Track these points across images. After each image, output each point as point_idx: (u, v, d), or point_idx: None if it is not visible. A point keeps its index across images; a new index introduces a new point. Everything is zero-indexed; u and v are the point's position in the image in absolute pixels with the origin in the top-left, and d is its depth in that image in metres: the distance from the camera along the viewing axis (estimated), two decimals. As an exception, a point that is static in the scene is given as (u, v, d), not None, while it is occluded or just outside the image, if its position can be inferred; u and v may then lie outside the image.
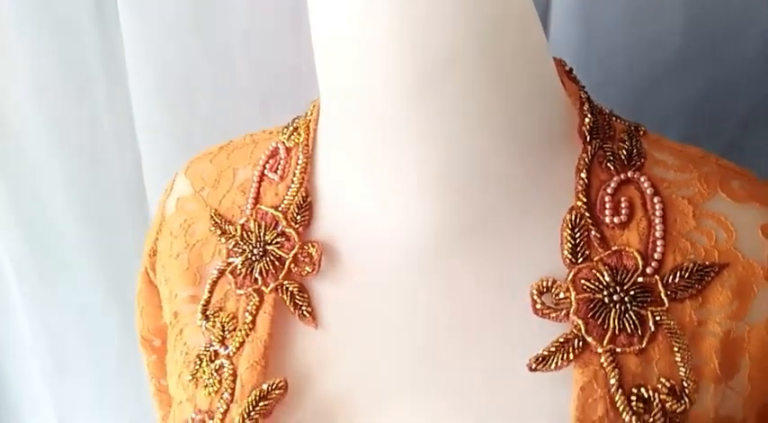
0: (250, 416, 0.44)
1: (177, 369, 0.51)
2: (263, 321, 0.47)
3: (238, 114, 0.80)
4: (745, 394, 0.42)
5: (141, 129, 0.86)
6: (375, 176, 0.46)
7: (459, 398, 0.43)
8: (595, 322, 0.41)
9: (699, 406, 0.40)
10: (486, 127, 0.42)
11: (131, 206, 0.91)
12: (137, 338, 0.61)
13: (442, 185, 0.44)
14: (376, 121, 0.44)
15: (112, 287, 0.95)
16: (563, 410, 0.40)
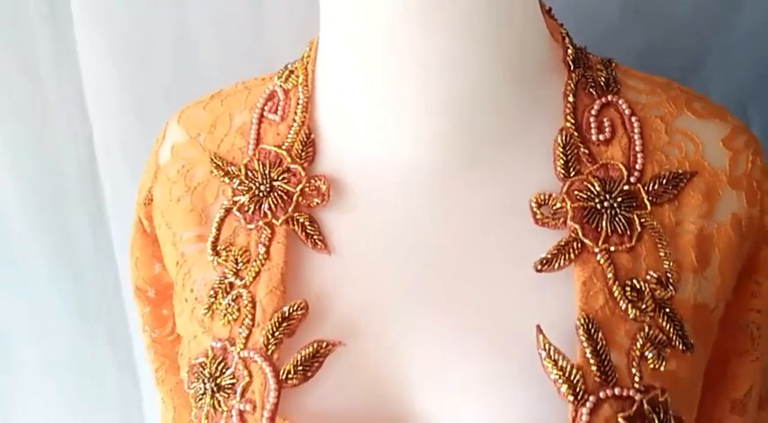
0: (275, 336, 0.47)
1: (189, 306, 0.53)
2: (277, 251, 0.49)
3: (198, 86, 0.81)
4: (717, 284, 0.48)
5: (93, 101, 0.85)
6: (377, 106, 0.49)
7: (469, 306, 0.47)
8: (590, 226, 0.46)
9: (681, 293, 0.47)
10: (487, 56, 0.47)
11: (83, 183, 0.89)
12: (131, 290, 0.62)
13: (445, 112, 0.48)
14: (378, 48, 0.47)
15: (65, 272, 0.93)
16: (567, 305, 0.45)
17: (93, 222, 0.90)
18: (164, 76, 0.82)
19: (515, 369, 0.45)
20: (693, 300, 0.47)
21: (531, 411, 0.44)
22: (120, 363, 0.96)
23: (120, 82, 0.83)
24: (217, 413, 0.48)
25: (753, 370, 0.55)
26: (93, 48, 0.81)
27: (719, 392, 0.55)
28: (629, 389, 0.43)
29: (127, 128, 0.84)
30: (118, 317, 0.94)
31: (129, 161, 0.85)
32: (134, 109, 0.84)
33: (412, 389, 0.46)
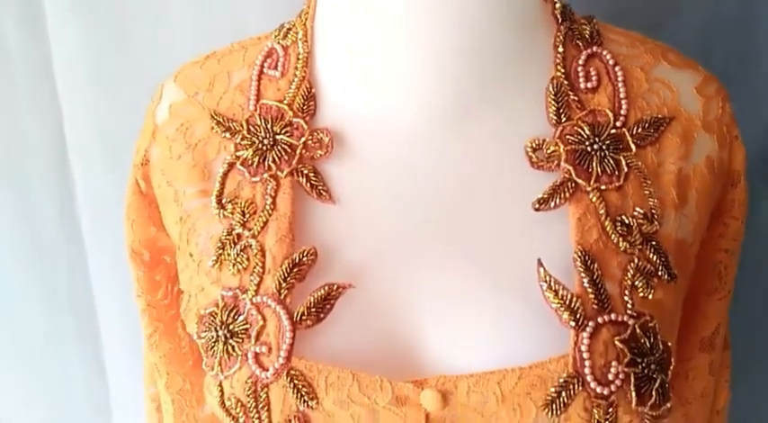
0: (286, 281, 0.48)
1: (194, 260, 0.54)
2: (283, 201, 0.51)
3: (174, 54, 0.80)
4: (694, 221, 0.52)
5: (63, 81, 0.84)
6: (376, 59, 0.51)
7: (472, 247, 0.50)
8: (582, 168, 0.50)
9: (665, 228, 0.50)
10: (481, 9, 0.49)
11: (53, 162, 0.88)
12: (126, 253, 0.62)
13: (439, 63, 0.50)
14: (375, 2, 0.49)
15: (32, 261, 0.91)
16: (563, 240, 0.49)
17: (63, 211, 0.89)
18: (136, 55, 0.82)
19: (518, 302, 0.48)
20: (675, 235, 0.51)
21: (534, 341, 0.47)
22: (86, 354, 0.95)
23: (92, 61, 0.82)
24: (231, 358, 0.49)
25: (720, 308, 0.60)
26: (63, 26, 0.80)
27: (689, 331, 0.59)
28: (623, 315, 0.47)
29: (99, 110, 0.83)
30: (86, 306, 0.93)
31: (102, 145, 0.85)
32: (106, 90, 0.83)
33: (421, 327, 0.48)
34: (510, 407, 0.46)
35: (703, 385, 0.61)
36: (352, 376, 0.47)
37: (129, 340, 0.89)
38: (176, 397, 0.65)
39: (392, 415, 0.47)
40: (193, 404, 0.66)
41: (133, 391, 0.87)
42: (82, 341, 0.95)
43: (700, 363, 0.60)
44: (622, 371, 0.45)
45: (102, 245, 0.89)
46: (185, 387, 0.66)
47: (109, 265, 0.89)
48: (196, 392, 0.66)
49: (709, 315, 0.59)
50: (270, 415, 0.48)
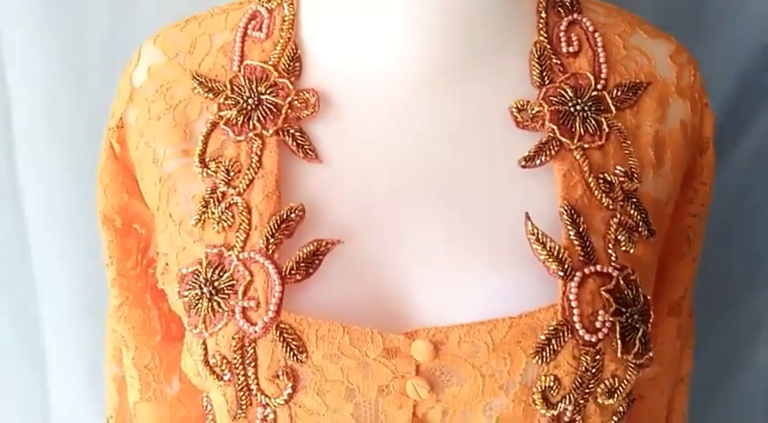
0: (274, 236, 0.48)
1: (174, 220, 0.52)
2: (269, 160, 0.50)
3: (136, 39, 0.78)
4: (669, 182, 0.54)
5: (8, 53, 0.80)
6: (362, 19, 0.51)
7: (459, 203, 0.50)
8: (566, 127, 0.51)
9: (643, 187, 0.52)
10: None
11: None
12: (97, 220, 0.60)
13: (429, 23, 0.51)
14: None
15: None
16: (549, 197, 0.50)
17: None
18: (95, 28, 0.80)
19: (506, 255, 0.48)
20: (653, 194, 0.53)
21: (523, 292, 0.47)
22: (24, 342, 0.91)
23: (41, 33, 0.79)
24: (216, 315, 0.48)
25: (687, 273, 0.62)
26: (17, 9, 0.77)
27: (658, 296, 0.61)
28: (608, 266, 0.48)
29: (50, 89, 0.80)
30: (22, 293, 0.89)
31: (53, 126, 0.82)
32: (60, 67, 0.80)
33: (410, 281, 0.48)
34: (501, 356, 0.46)
35: (671, 350, 0.63)
36: (342, 329, 0.46)
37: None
38: (144, 371, 0.63)
39: (382, 367, 0.46)
40: (161, 379, 0.64)
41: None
42: (16, 329, 0.90)
43: (668, 327, 0.62)
44: (608, 319, 0.46)
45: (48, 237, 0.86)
46: (153, 361, 0.63)
47: (57, 253, 0.86)
48: (164, 368, 0.64)
49: (678, 279, 0.61)
50: (257, 371, 0.47)
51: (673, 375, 0.65)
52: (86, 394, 0.88)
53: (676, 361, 0.64)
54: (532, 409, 0.47)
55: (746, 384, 0.87)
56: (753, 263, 0.85)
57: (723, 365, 0.85)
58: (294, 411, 0.47)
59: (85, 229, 0.78)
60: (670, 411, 0.68)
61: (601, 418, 0.48)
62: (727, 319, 0.85)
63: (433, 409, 0.47)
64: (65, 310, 0.87)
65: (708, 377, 0.81)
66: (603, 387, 0.47)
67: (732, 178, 0.80)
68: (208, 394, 0.52)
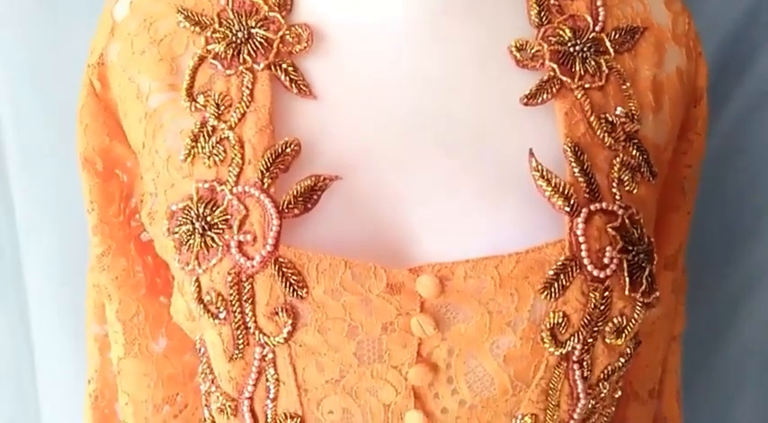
0: (269, 170, 0.46)
1: (161, 157, 0.50)
2: (261, 93, 0.49)
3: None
4: (668, 128, 0.54)
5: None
6: None
7: (458, 141, 0.49)
8: (566, 67, 0.50)
9: (644, 130, 0.51)
10: None
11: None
12: (78, 163, 0.57)
13: None
14: None
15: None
16: (551, 135, 0.49)
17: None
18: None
19: (509, 192, 0.47)
20: (653, 137, 0.52)
21: (528, 229, 0.46)
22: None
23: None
24: (210, 250, 0.46)
25: (682, 226, 0.61)
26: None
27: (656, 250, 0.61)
28: (613, 205, 0.47)
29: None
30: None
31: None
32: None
33: (413, 218, 0.47)
34: (507, 292, 0.45)
35: (666, 304, 0.62)
36: (344, 264, 0.45)
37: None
38: (128, 325, 0.60)
39: (386, 304, 0.45)
40: (146, 334, 0.61)
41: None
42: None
43: (663, 280, 0.61)
44: (616, 256, 0.46)
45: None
46: (138, 315, 0.61)
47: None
48: (150, 322, 0.61)
49: (673, 232, 0.60)
50: (254, 308, 0.45)
51: (667, 332, 0.65)
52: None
53: (671, 317, 0.64)
54: (540, 348, 0.46)
55: (737, 349, 0.87)
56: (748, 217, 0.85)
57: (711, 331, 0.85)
58: (294, 350, 0.46)
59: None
60: (663, 371, 0.67)
61: (608, 359, 0.48)
62: (721, 277, 0.85)
63: (438, 347, 0.46)
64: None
65: (700, 338, 0.81)
66: (611, 326, 0.46)
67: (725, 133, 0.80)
68: (201, 337, 0.50)
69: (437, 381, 0.47)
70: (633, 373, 0.63)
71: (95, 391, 0.67)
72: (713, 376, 0.87)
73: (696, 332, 0.72)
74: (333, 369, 0.46)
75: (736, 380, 0.88)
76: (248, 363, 0.47)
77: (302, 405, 0.47)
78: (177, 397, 0.64)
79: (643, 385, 0.65)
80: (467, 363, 0.46)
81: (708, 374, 0.86)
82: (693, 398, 0.79)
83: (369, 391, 0.47)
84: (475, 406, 0.47)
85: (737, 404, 0.89)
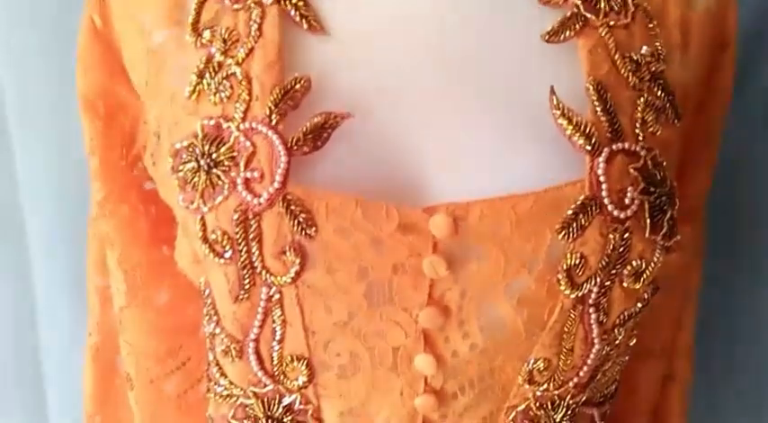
0: (278, 106, 0.44)
1: (165, 95, 0.49)
2: (270, 28, 0.46)
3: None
4: (694, 70, 0.51)
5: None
6: None
7: (477, 79, 0.47)
8: (590, 4, 0.48)
9: (670, 70, 0.49)
10: None
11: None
12: (78, 106, 0.55)
13: None
14: None
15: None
16: (574, 73, 0.46)
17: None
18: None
19: (529, 131, 0.45)
20: (679, 78, 0.50)
21: (547, 168, 0.44)
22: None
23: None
24: (216, 188, 0.44)
25: (705, 177, 0.59)
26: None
27: None
28: (635, 145, 0.45)
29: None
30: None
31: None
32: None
33: (427, 156, 0.45)
34: (524, 232, 0.43)
35: (684, 258, 0.61)
36: (355, 202, 0.43)
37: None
38: (130, 273, 0.59)
39: (397, 244, 0.43)
40: (149, 284, 0.60)
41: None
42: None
43: (681, 233, 0.59)
44: (637, 197, 0.44)
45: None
46: (140, 264, 0.60)
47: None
48: (152, 273, 0.60)
49: (693, 183, 0.58)
50: (261, 247, 0.43)
51: (683, 287, 0.63)
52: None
53: (689, 270, 0.62)
54: (556, 290, 0.44)
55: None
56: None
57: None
58: (302, 291, 0.44)
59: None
60: (677, 328, 0.66)
61: (625, 304, 0.46)
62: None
63: (450, 290, 0.44)
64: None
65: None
66: (630, 269, 0.45)
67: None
68: (206, 279, 0.48)
69: (448, 324, 0.45)
70: (646, 328, 0.61)
71: (96, 344, 0.66)
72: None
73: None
74: (341, 311, 0.45)
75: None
76: (254, 304, 0.45)
77: (309, 347, 0.46)
78: (180, 349, 0.63)
79: (656, 340, 0.64)
80: (479, 306, 0.45)
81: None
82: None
83: (377, 334, 0.45)
84: (486, 350, 0.46)
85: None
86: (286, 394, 0.48)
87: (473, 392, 0.47)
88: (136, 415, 0.64)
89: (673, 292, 0.62)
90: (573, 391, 0.48)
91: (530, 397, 0.48)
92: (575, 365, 0.47)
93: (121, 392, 0.66)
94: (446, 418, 0.48)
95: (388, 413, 0.48)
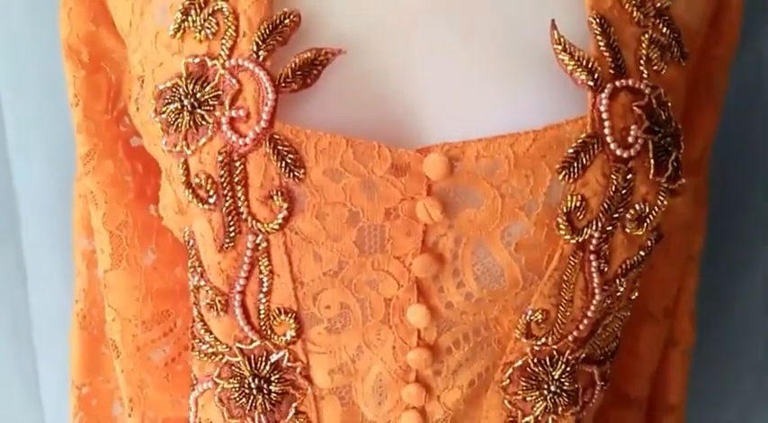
0: (266, 42, 0.42)
1: (149, 34, 0.46)
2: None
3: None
4: (700, 8, 0.49)
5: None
6: None
7: (475, 15, 0.45)
8: None
9: (675, 6, 0.47)
10: None
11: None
12: (61, 52, 0.53)
13: None
14: None
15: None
16: (576, 8, 0.44)
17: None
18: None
19: (529, 67, 0.43)
20: (685, 15, 0.48)
21: (547, 105, 0.42)
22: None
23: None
24: (200, 129, 0.42)
25: (709, 125, 0.57)
26: None
27: None
28: (640, 82, 0.43)
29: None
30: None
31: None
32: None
33: (423, 94, 0.43)
34: (523, 172, 0.41)
35: (686, 213, 0.58)
36: (345, 142, 0.41)
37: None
38: (115, 233, 0.57)
39: (389, 186, 0.41)
40: (135, 244, 0.58)
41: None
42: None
43: (685, 185, 0.57)
44: (641, 136, 0.42)
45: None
46: (126, 223, 0.57)
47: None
48: (138, 232, 0.58)
49: (698, 132, 0.56)
50: (247, 191, 0.41)
51: (685, 246, 0.61)
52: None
53: (690, 229, 0.60)
54: (555, 235, 0.42)
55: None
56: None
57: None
58: (290, 239, 0.42)
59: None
60: (679, 290, 0.64)
61: (627, 252, 0.44)
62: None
63: (444, 236, 0.42)
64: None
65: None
66: (633, 212, 0.43)
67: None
68: (190, 229, 0.46)
69: (442, 273, 0.43)
70: (648, 289, 0.60)
71: (82, 311, 0.64)
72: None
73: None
74: (331, 259, 0.43)
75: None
76: (240, 253, 0.43)
77: (297, 300, 0.44)
78: (167, 315, 0.61)
79: (658, 303, 0.62)
80: (475, 252, 0.43)
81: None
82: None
83: (369, 285, 0.43)
84: (482, 300, 0.44)
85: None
86: (273, 351, 0.46)
87: (468, 346, 0.45)
88: (122, 385, 0.62)
89: (674, 250, 0.60)
90: (572, 346, 0.46)
91: (527, 352, 0.46)
92: (574, 318, 0.45)
93: (110, 362, 0.64)
94: (440, 374, 0.46)
95: (379, 369, 0.46)
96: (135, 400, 0.62)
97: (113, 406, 0.68)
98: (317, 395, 0.47)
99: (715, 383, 0.86)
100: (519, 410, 0.48)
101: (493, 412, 0.48)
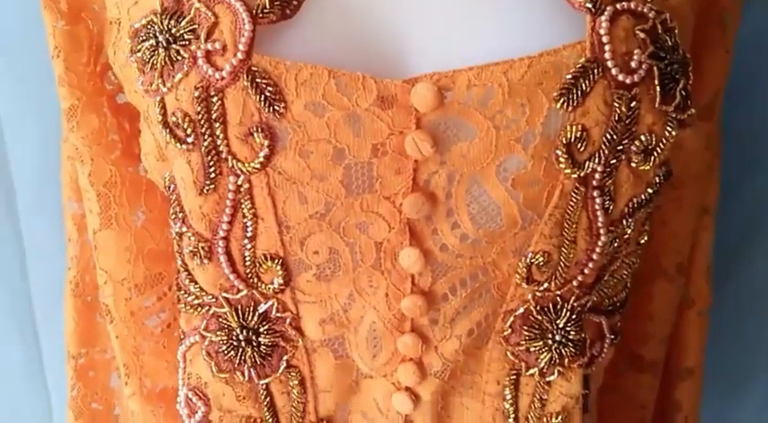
0: None
1: None
2: None
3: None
4: None
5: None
6: None
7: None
8: None
9: None
10: None
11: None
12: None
13: None
14: None
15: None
16: None
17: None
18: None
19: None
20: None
21: (542, 31, 0.40)
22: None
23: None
24: (176, 65, 0.40)
25: (721, 67, 0.54)
26: None
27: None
28: (643, 5, 0.40)
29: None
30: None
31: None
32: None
33: (411, 22, 0.41)
34: (518, 101, 0.38)
35: (698, 162, 0.56)
36: (327, 73, 0.38)
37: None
38: (103, 191, 0.55)
39: (375, 120, 0.39)
40: (123, 202, 0.56)
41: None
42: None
43: (696, 132, 0.54)
44: (646, 61, 0.39)
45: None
46: (114, 181, 0.55)
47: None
48: (126, 189, 0.56)
49: (708, 75, 0.53)
50: (225, 129, 0.39)
51: (698, 197, 0.58)
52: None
53: (703, 178, 0.57)
54: (555, 170, 0.39)
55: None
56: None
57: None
58: (273, 179, 0.40)
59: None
60: (693, 246, 0.61)
61: (634, 189, 0.41)
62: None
63: (436, 173, 0.40)
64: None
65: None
66: (638, 144, 0.40)
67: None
68: (171, 173, 0.44)
69: (435, 213, 0.41)
70: (660, 244, 0.57)
71: (75, 278, 0.62)
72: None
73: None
74: (317, 200, 0.40)
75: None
76: (222, 196, 0.41)
77: (284, 245, 0.42)
78: (160, 278, 0.59)
79: (671, 259, 0.59)
80: (469, 190, 0.40)
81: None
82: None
83: (358, 227, 0.41)
84: (478, 241, 0.41)
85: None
86: (261, 301, 0.44)
87: (465, 293, 0.43)
88: (116, 351, 0.60)
89: (688, 202, 0.57)
90: (577, 293, 0.44)
91: (529, 299, 0.43)
92: (578, 261, 0.42)
93: (106, 331, 0.62)
94: (436, 323, 0.44)
95: (372, 318, 0.44)
96: (131, 366, 0.60)
97: (111, 377, 0.67)
98: (308, 348, 0.45)
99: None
100: (522, 362, 0.45)
101: (495, 365, 0.46)
